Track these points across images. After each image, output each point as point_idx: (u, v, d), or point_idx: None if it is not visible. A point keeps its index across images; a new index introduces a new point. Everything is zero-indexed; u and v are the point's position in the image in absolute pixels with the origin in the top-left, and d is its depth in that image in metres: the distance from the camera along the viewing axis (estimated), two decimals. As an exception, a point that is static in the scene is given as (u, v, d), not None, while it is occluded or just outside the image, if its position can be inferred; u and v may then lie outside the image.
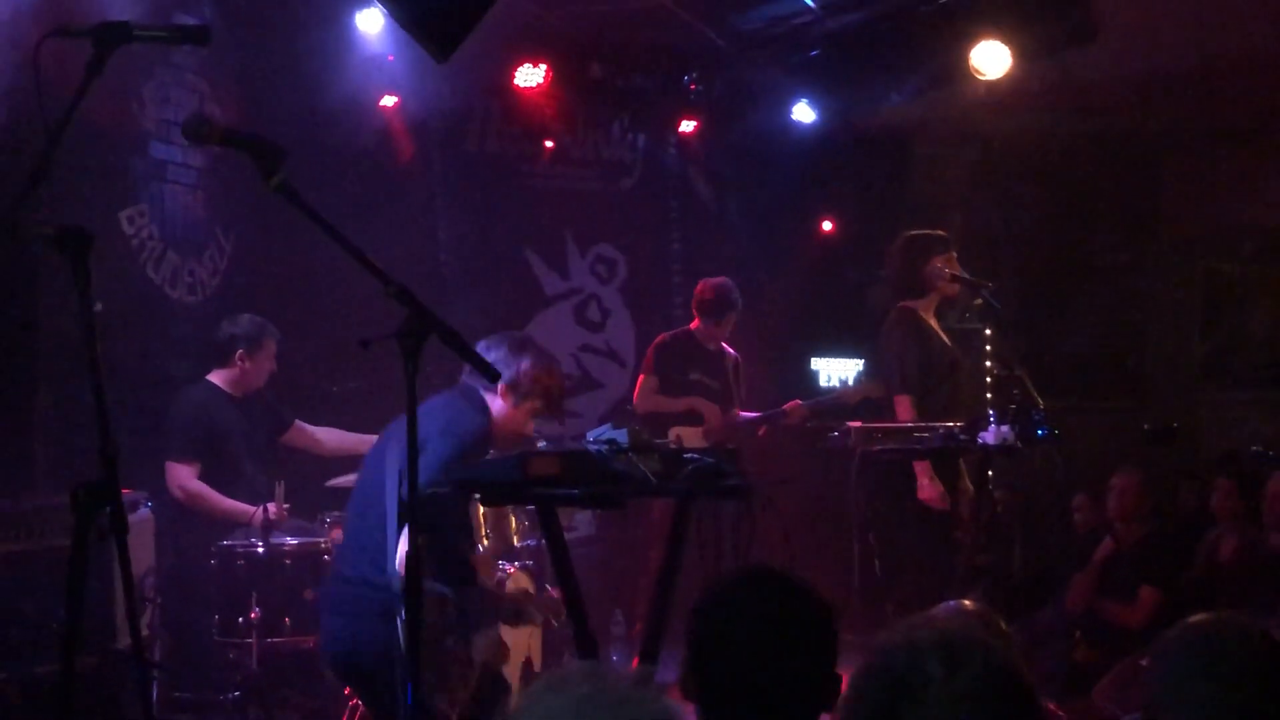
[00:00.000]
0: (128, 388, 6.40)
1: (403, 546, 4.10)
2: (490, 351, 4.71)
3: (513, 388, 4.76)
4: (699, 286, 8.03)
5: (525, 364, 4.77)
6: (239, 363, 6.52)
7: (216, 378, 6.55)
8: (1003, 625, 3.15)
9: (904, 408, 6.25)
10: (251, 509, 6.05)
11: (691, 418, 7.64)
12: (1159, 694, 2.38)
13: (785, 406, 7.84)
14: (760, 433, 7.86)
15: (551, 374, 4.87)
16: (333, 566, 4.68)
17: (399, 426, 4.61)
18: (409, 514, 3.23)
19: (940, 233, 6.67)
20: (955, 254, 6.48)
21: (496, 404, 4.77)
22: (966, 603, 3.51)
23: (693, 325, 7.97)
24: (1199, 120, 9.52)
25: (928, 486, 6.08)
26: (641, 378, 8.02)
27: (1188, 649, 2.37)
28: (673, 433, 7.34)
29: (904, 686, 1.76)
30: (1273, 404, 11.24)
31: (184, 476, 6.29)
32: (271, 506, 5.94)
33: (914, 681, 1.76)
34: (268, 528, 5.86)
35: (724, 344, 7.99)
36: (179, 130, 7.20)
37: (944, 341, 6.49)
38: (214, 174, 7.56)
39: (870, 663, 1.84)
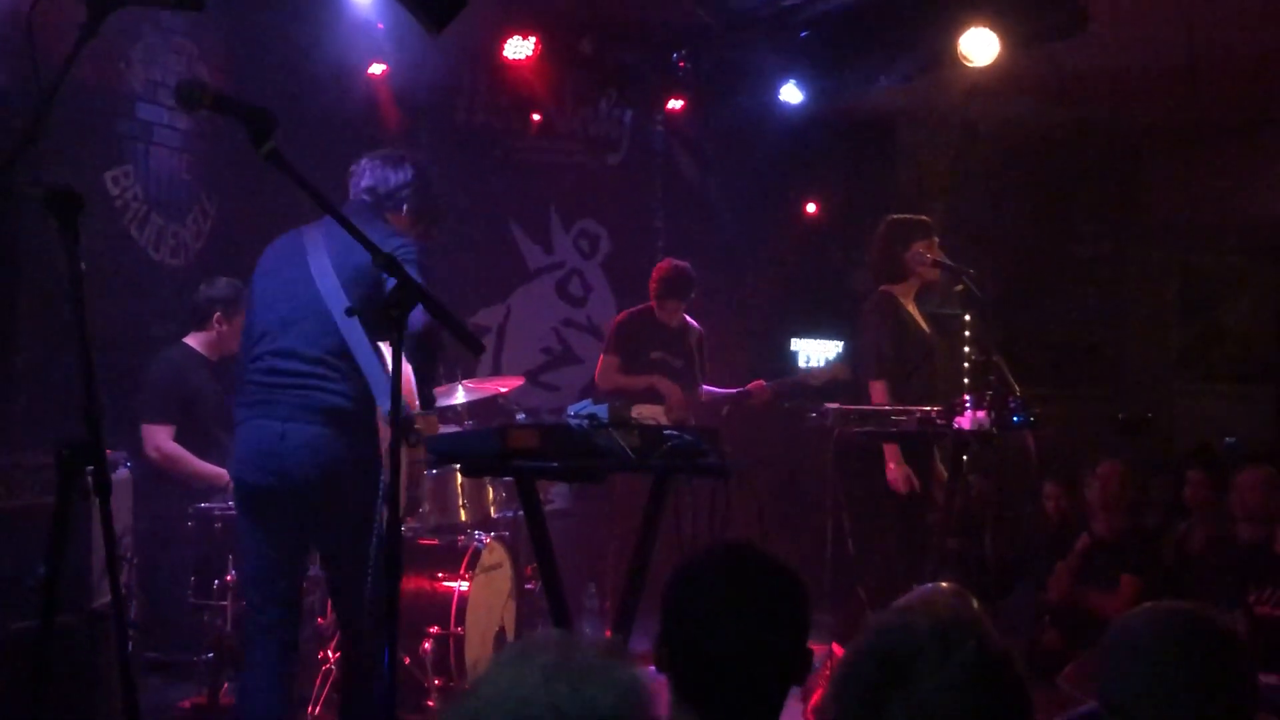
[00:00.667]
0: (109, 349, 6.39)
1: (409, 378, 4.17)
2: (394, 173, 4.73)
3: (417, 210, 4.76)
4: (657, 268, 7.99)
5: (434, 187, 4.83)
6: (216, 325, 6.53)
7: (193, 341, 6.55)
8: (977, 608, 3.19)
9: (878, 392, 6.29)
10: (225, 473, 6.07)
11: (652, 396, 7.61)
12: (1109, 678, 2.48)
13: (750, 386, 7.83)
14: (724, 412, 7.84)
15: (441, 200, 4.93)
16: (277, 400, 4.38)
17: (297, 240, 4.55)
18: (395, 437, 3.24)
19: (922, 218, 6.70)
20: (937, 240, 6.51)
21: (403, 224, 4.71)
22: (946, 585, 3.55)
23: (652, 302, 7.91)
24: (1183, 114, 9.57)
25: (894, 469, 6.13)
26: (603, 356, 7.97)
27: (1133, 634, 2.46)
28: (633, 411, 7.33)
29: (897, 667, 1.79)
30: (1247, 397, 11.35)
31: (160, 438, 6.30)
32: None
33: (907, 663, 1.79)
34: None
35: (687, 318, 7.94)
36: (166, 92, 7.25)
37: (921, 327, 6.53)
38: (200, 137, 7.55)
39: (864, 641, 1.87)
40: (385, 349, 4.31)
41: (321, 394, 4.36)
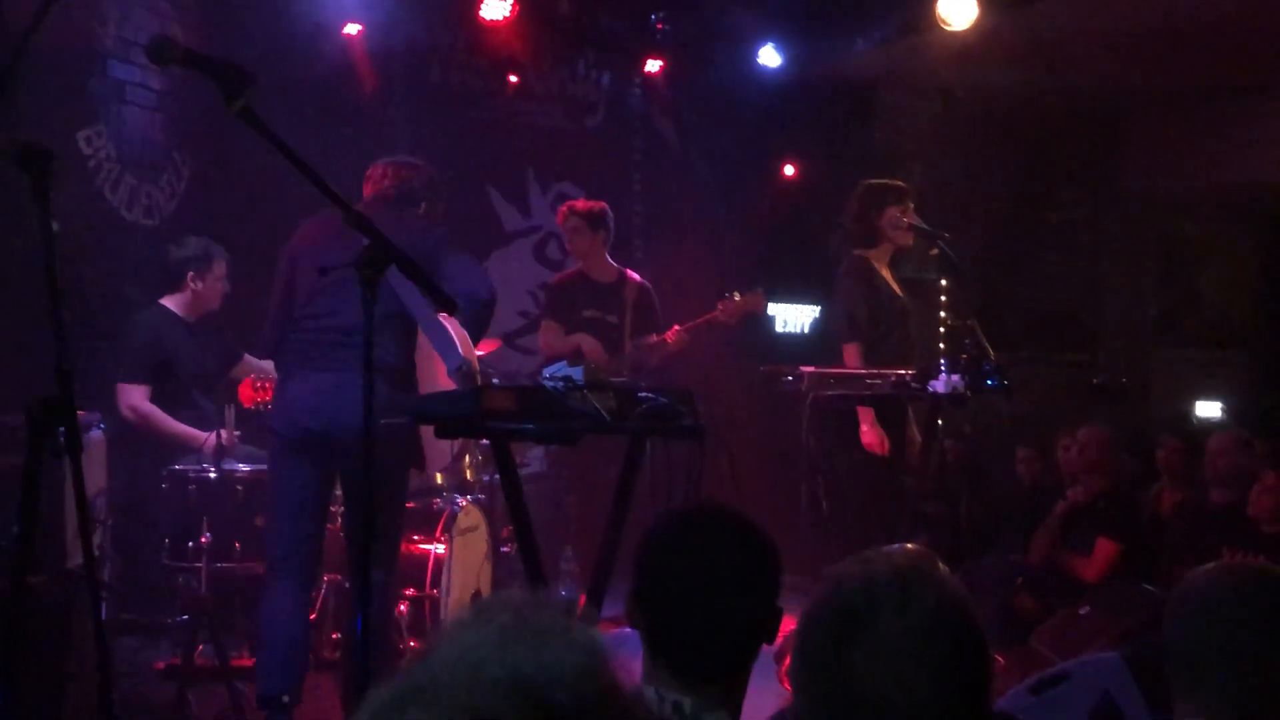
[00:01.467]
0: (82, 309, 6.36)
1: (461, 335, 4.65)
2: (415, 175, 5.37)
3: (431, 209, 5.29)
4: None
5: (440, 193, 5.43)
6: (191, 284, 6.51)
7: (169, 302, 6.53)
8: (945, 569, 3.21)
9: (852, 355, 6.29)
10: (202, 434, 6.06)
11: (580, 356, 7.53)
12: (1167, 634, 2.46)
13: (666, 334, 7.69)
14: (652, 363, 7.75)
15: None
16: (338, 356, 4.83)
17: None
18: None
19: (898, 183, 6.69)
20: (912, 204, 6.50)
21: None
22: (912, 546, 3.57)
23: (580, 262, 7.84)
24: (1161, 80, 9.58)
25: (868, 432, 6.14)
26: (542, 323, 7.96)
27: (1188, 591, 2.46)
28: None
29: (856, 617, 1.80)
30: (1223, 363, 11.42)
31: (136, 397, 6.29)
32: (224, 432, 5.94)
33: (866, 613, 1.80)
34: (220, 453, 5.87)
35: (628, 272, 7.86)
36: (139, 51, 7.18)
37: (894, 291, 6.53)
38: (173, 96, 7.49)
39: (826, 592, 1.89)
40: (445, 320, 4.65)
41: (376, 349, 4.51)
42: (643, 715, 1.14)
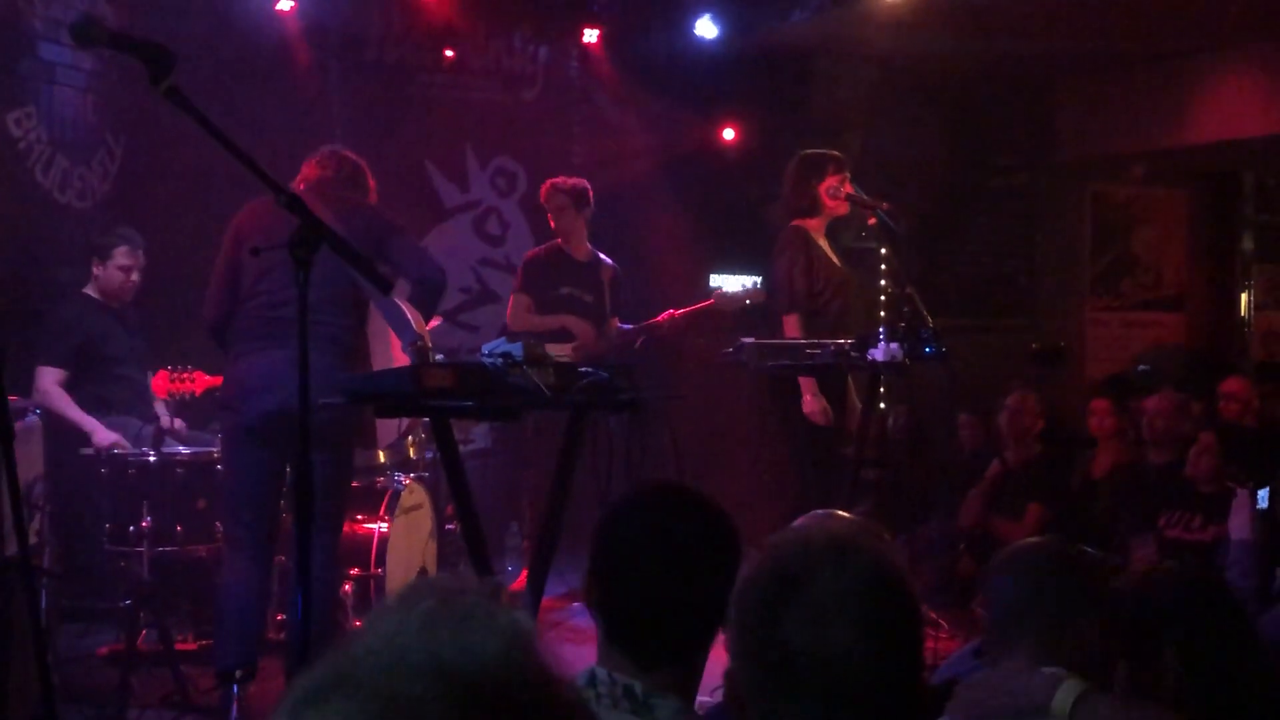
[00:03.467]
0: (13, 294, 6.30)
1: (414, 317, 4.79)
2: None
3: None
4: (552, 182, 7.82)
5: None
6: (95, 270, 6.50)
7: (89, 288, 6.51)
8: (886, 536, 3.26)
9: (792, 325, 6.32)
10: (100, 430, 6.03)
11: (564, 335, 7.44)
12: (988, 596, 2.96)
13: (659, 318, 7.76)
14: (636, 344, 7.75)
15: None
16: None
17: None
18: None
19: (834, 153, 6.70)
20: (849, 174, 6.52)
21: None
22: (850, 515, 3.61)
23: (559, 239, 7.77)
24: (1093, 46, 9.65)
25: (811, 401, 6.17)
26: (513, 296, 7.81)
27: (1007, 558, 2.92)
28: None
29: (792, 580, 1.83)
30: (1157, 324, 11.56)
31: (46, 380, 6.21)
32: (164, 419, 5.96)
33: (802, 576, 1.82)
34: (159, 438, 5.86)
35: (600, 255, 7.83)
36: (68, 31, 7.09)
37: (832, 261, 6.56)
38: (105, 77, 7.41)
39: (763, 558, 1.91)
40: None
41: (327, 326, 4.83)
42: (570, 698, 1.14)
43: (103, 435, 6.02)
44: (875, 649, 1.80)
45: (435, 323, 7.32)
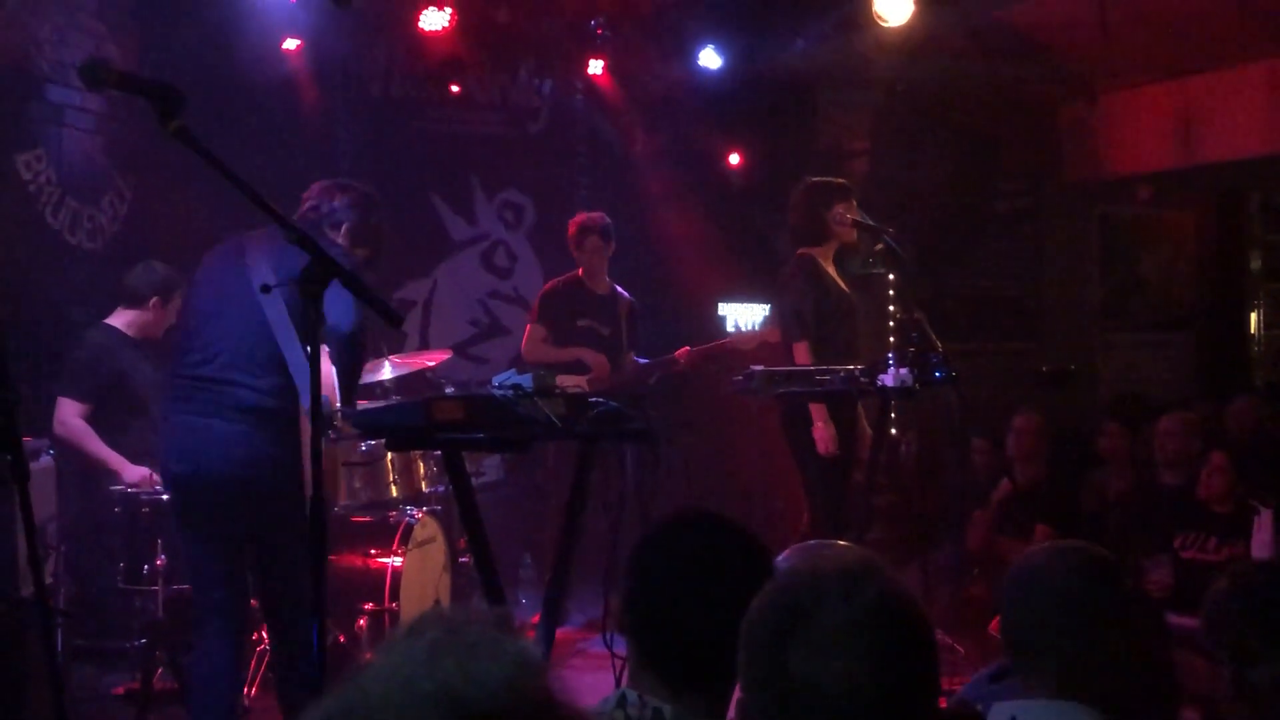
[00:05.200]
0: (28, 335, 6.31)
1: (329, 375, 4.34)
2: (337, 196, 4.90)
3: (353, 232, 4.88)
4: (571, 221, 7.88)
5: (374, 218, 4.96)
6: (152, 308, 6.39)
7: (117, 320, 6.41)
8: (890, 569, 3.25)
9: (801, 353, 6.34)
10: (129, 466, 6.01)
11: (579, 368, 7.48)
12: (1006, 615, 2.63)
13: (676, 354, 7.78)
14: (651, 381, 7.77)
15: (382, 229, 5.05)
16: (201, 399, 4.55)
17: (235, 246, 4.72)
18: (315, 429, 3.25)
19: (839, 180, 6.73)
20: (856, 201, 6.55)
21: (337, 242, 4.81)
22: (858, 546, 3.60)
23: (579, 271, 7.82)
24: (1096, 67, 9.67)
25: (821, 428, 6.18)
26: (529, 326, 7.85)
27: (1026, 572, 2.63)
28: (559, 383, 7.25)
29: (801, 609, 1.82)
30: (1166, 345, 11.54)
31: (68, 413, 6.15)
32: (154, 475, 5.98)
33: (810, 605, 1.82)
34: (145, 486, 5.88)
35: (617, 288, 7.87)
36: (76, 73, 7.14)
37: (840, 288, 6.58)
38: (113, 119, 7.45)
39: (772, 587, 1.91)
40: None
41: (245, 391, 4.53)
42: None
43: (131, 471, 6.01)
44: (884, 679, 1.79)
45: (444, 356, 7.36)
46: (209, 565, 4.63)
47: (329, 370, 4.40)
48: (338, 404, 4.39)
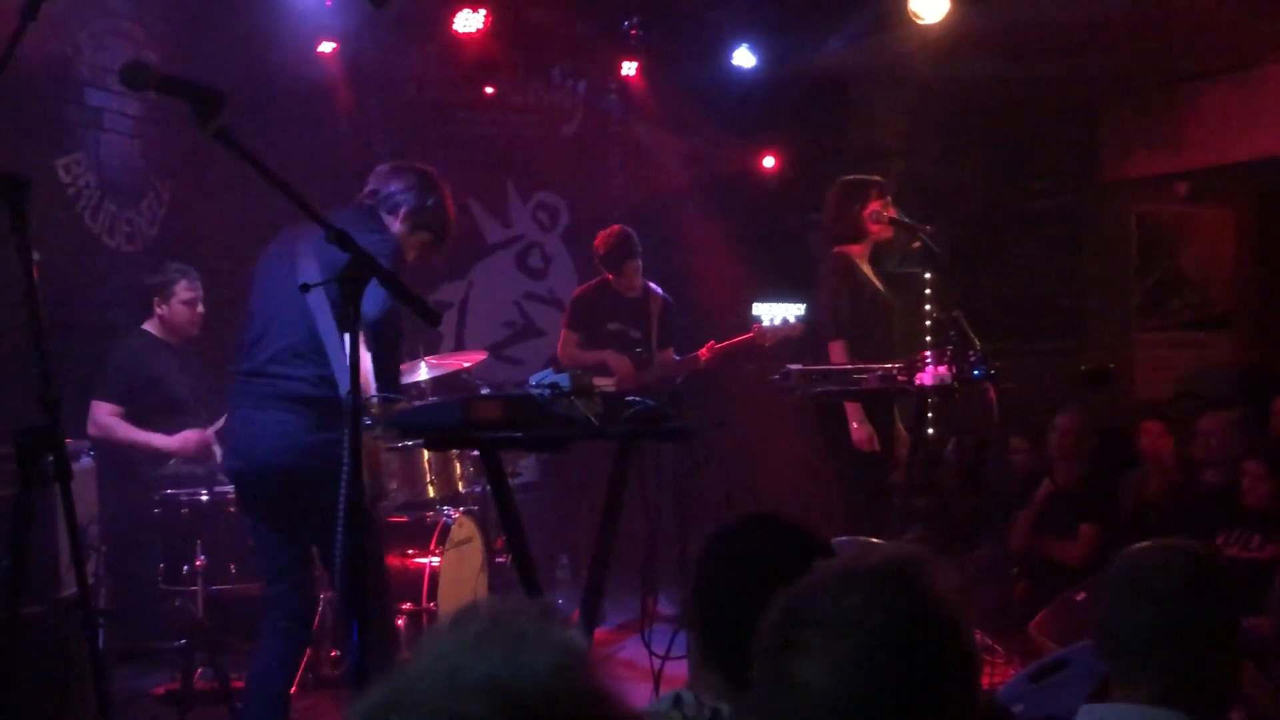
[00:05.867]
0: (66, 337, 6.36)
1: (366, 364, 4.27)
2: (395, 180, 4.79)
3: (411, 215, 4.78)
4: (596, 240, 7.88)
5: (432, 200, 4.80)
6: (157, 310, 6.60)
7: (150, 326, 6.60)
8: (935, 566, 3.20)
9: (838, 352, 6.32)
10: (165, 439, 6.13)
11: (604, 371, 7.48)
12: (1107, 619, 2.51)
13: (700, 351, 7.77)
14: (678, 380, 7.76)
15: (450, 212, 4.91)
16: (249, 392, 4.60)
17: (289, 240, 4.69)
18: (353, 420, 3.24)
19: (875, 178, 6.70)
20: (891, 199, 6.52)
21: (395, 226, 4.76)
22: (902, 543, 3.58)
23: (609, 275, 7.82)
24: (1133, 66, 9.60)
25: (858, 428, 6.16)
26: (563, 332, 7.94)
27: (1130, 573, 2.50)
28: None
29: (817, 611, 1.76)
30: (1206, 344, 11.44)
31: (101, 413, 6.31)
32: (193, 434, 6.05)
33: (825, 608, 1.76)
34: (211, 478, 5.92)
35: (651, 286, 7.87)
36: (115, 77, 7.17)
37: (876, 287, 6.55)
38: (151, 122, 7.50)
39: (795, 591, 1.86)
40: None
41: (287, 382, 4.55)
42: (624, 714, 1.14)
43: (170, 442, 6.11)
44: (906, 683, 1.69)
45: (480, 357, 7.38)
46: (269, 559, 4.73)
47: (365, 359, 4.36)
48: (373, 392, 4.37)
